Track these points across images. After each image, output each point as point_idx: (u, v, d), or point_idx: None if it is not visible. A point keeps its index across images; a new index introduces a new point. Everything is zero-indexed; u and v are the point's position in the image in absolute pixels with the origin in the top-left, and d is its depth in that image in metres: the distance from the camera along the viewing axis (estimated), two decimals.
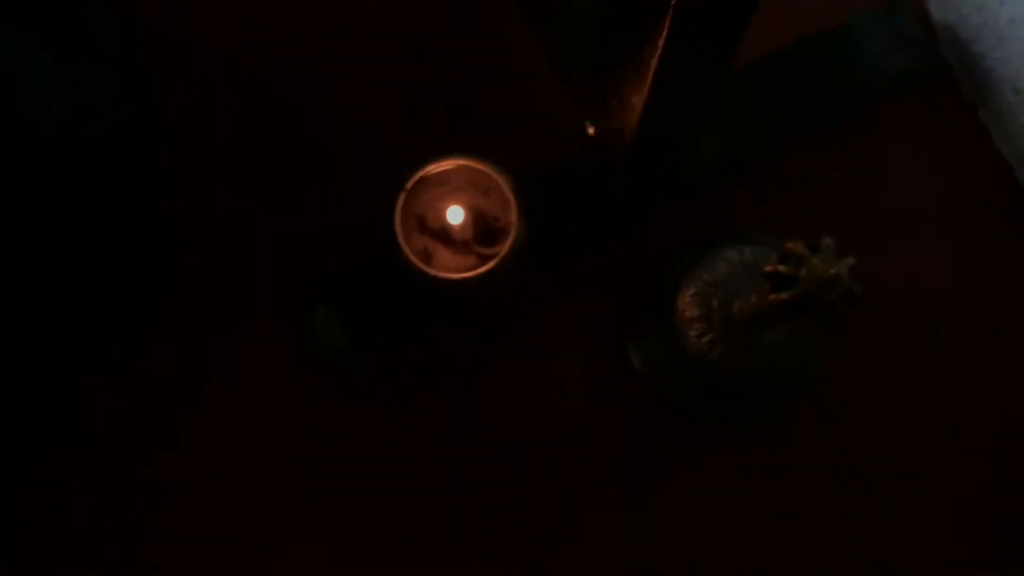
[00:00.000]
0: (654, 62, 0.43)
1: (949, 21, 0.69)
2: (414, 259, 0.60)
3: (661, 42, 0.42)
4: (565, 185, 0.66)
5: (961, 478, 0.66)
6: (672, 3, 0.39)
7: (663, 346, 0.64)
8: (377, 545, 0.65)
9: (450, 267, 0.63)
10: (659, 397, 0.66)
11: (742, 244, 0.62)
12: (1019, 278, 0.69)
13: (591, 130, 0.56)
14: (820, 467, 0.66)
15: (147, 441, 0.66)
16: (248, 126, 0.70)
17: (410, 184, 0.61)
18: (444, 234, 0.63)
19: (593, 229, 0.67)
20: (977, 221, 0.70)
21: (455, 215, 0.61)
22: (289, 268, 0.68)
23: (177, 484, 0.65)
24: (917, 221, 0.69)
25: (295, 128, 0.70)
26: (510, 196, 0.61)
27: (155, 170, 0.67)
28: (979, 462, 0.66)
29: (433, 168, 0.61)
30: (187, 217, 0.68)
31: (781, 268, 0.50)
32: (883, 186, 0.70)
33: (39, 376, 0.65)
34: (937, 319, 0.68)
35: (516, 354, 0.67)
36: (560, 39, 0.58)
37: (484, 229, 0.64)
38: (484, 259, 0.63)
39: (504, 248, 0.61)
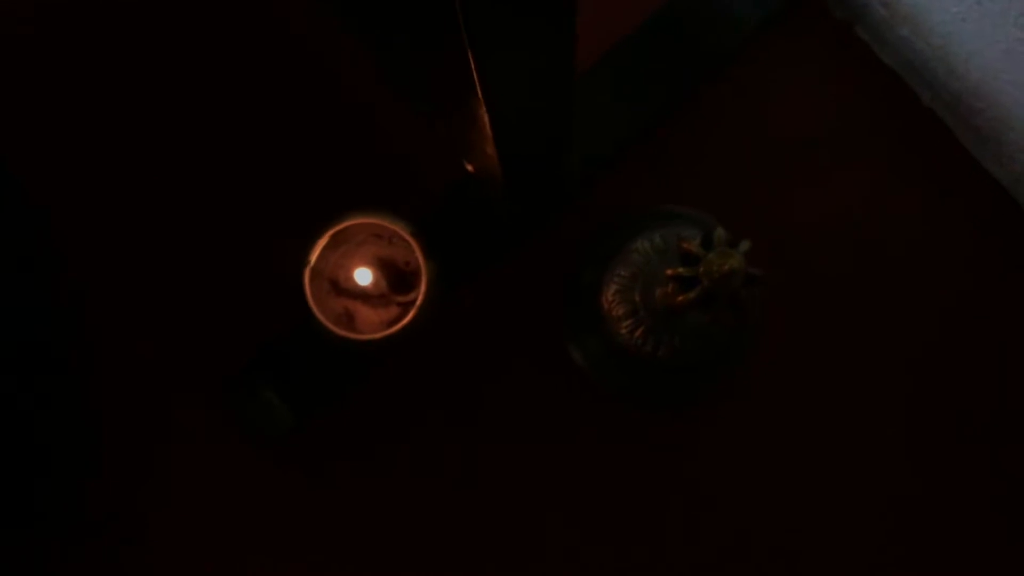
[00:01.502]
0: (483, 114, 0.42)
1: None
2: (335, 329, 0.60)
3: (479, 90, 0.41)
4: (461, 209, 0.66)
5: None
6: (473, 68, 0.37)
7: (598, 342, 0.64)
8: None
9: (374, 322, 0.64)
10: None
11: (651, 230, 0.62)
12: (928, 183, 0.69)
13: (470, 168, 0.56)
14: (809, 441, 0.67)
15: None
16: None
17: (313, 257, 0.60)
18: (360, 292, 0.63)
19: (495, 243, 0.67)
20: (878, 135, 0.69)
21: (363, 277, 0.61)
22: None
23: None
24: (821, 151, 0.69)
25: (196, 202, 0.70)
26: (412, 241, 0.61)
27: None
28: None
29: (331, 232, 0.61)
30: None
31: (682, 271, 0.51)
32: (781, 126, 0.69)
33: None
34: (867, 247, 0.68)
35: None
36: (413, 96, 0.57)
37: (396, 276, 0.64)
38: (404, 306, 0.63)
39: (420, 293, 0.61)
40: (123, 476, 0.66)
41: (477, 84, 0.34)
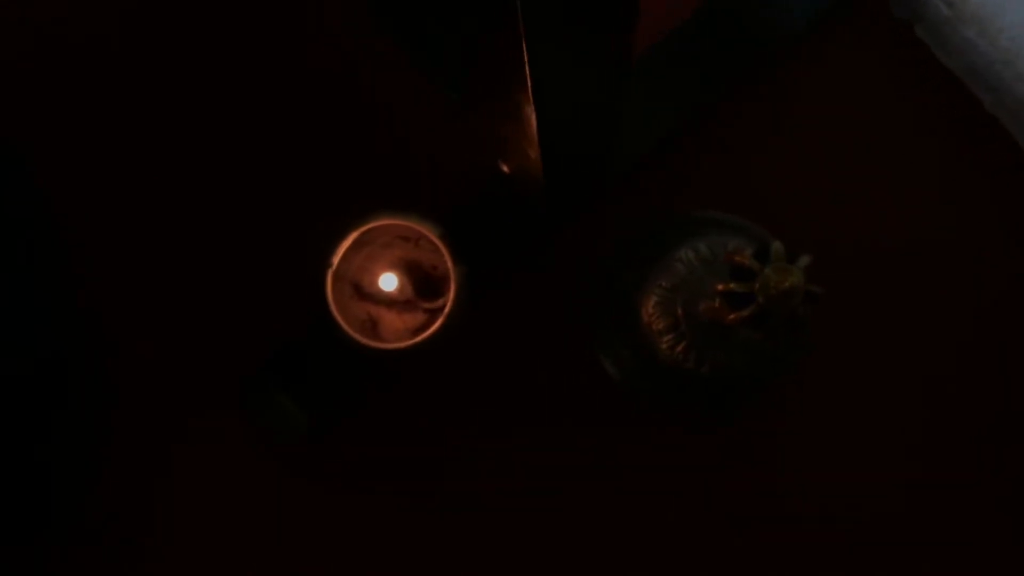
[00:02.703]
0: (529, 113, 0.38)
1: None
2: (359, 338, 0.57)
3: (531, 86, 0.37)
4: (491, 211, 0.62)
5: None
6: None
7: (633, 354, 0.61)
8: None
9: (399, 329, 0.60)
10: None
11: (694, 239, 0.58)
12: (987, 193, 0.65)
13: (505, 168, 0.53)
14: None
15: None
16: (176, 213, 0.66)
17: (335, 259, 0.57)
18: (385, 297, 0.60)
19: (528, 247, 0.64)
20: (935, 142, 0.66)
21: (388, 282, 0.58)
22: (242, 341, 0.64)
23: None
24: (873, 157, 0.65)
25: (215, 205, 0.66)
26: (440, 244, 0.57)
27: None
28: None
29: (355, 234, 0.57)
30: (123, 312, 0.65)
31: (734, 286, 0.47)
32: (829, 129, 0.66)
33: None
34: (916, 257, 0.64)
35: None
36: (459, 96, 0.54)
37: (423, 280, 0.60)
38: (431, 312, 0.60)
39: (448, 300, 0.58)
40: (124, 478, 0.64)
41: (528, 80, 0.31)
